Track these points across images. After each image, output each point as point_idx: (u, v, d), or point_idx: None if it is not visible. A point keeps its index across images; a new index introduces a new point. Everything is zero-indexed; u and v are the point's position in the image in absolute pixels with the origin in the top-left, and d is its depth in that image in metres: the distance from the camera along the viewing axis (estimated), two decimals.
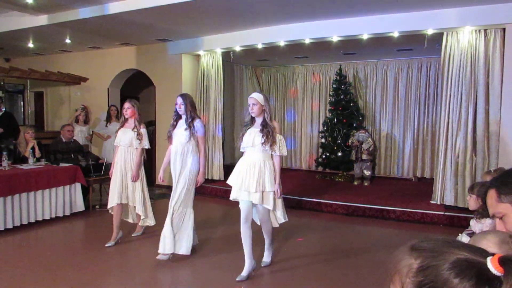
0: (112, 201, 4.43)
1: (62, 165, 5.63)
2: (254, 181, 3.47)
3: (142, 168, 4.69)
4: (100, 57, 8.62)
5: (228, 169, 8.28)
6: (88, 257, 4.08)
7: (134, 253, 4.35)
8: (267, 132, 3.51)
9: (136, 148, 4.51)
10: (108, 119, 7.20)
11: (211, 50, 7.37)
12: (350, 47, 6.90)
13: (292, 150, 9.59)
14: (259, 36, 6.57)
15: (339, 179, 8.07)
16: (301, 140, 9.48)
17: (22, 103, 10.04)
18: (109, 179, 6.32)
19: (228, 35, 6.89)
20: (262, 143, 3.49)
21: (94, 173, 6.09)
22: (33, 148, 5.85)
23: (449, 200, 5.59)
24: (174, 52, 7.65)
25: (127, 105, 4.57)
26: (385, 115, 8.47)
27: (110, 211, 4.59)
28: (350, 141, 7.68)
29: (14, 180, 4.87)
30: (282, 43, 6.53)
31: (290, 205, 6.44)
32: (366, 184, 7.57)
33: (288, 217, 3.88)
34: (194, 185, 4.00)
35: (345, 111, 7.96)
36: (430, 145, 7.90)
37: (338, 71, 8.19)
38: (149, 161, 7.58)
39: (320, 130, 8.62)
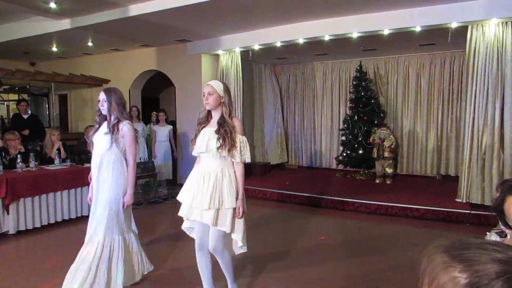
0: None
1: (87, 165, 5.74)
2: (207, 195, 2.69)
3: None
4: (121, 59, 8.77)
5: (247, 168, 8.31)
6: None
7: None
8: (225, 132, 2.72)
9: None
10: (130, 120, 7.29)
11: (230, 49, 7.39)
12: (371, 43, 6.80)
13: (312, 148, 9.54)
14: (278, 34, 6.55)
15: (360, 177, 7.97)
16: (321, 138, 9.41)
17: (47, 105, 10.32)
18: None
19: (247, 34, 6.89)
20: (218, 148, 2.72)
21: None
22: (58, 149, 5.99)
23: (476, 198, 5.44)
24: (193, 52, 7.71)
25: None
26: (407, 111, 8.31)
27: None
28: (371, 139, 7.58)
29: (41, 181, 5.00)
30: (301, 41, 6.49)
31: (311, 204, 6.43)
32: (388, 182, 7.46)
33: (309, 216, 3.69)
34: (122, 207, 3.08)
35: (366, 108, 7.86)
36: (455, 141, 7.71)
37: (358, 68, 8.08)
38: (173, 161, 7.68)
39: (341, 128, 8.53)
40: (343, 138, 8.23)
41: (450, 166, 7.89)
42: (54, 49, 8.23)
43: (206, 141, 2.76)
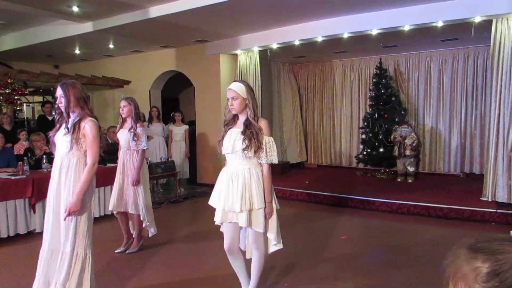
0: (110, 206, 4.22)
1: (109, 165, 5.86)
2: (237, 198, 2.70)
3: (146, 170, 4.41)
4: (141, 60, 8.91)
5: None
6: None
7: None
8: (251, 134, 2.70)
9: (135, 150, 4.13)
10: (150, 120, 7.41)
11: (248, 49, 7.40)
12: (391, 39, 6.69)
13: (332, 146, 9.47)
14: (296, 32, 6.52)
15: (381, 175, 7.87)
16: (340, 137, 9.32)
17: None
18: (152, 178, 6.54)
19: (265, 33, 6.89)
20: (244, 149, 2.71)
21: None
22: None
23: (502, 197, 5.29)
24: (212, 52, 7.76)
25: (123, 103, 4.17)
26: (429, 108, 8.15)
27: (115, 213, 4.30)
28: (392, 137, 7.47)
29: None
30: (319, 39, 6.44)
31: (331, 203, 6.38)
32: (409, 180, 7.33)
33: (330, 215, 3.68)
34: (85, 214, 2.71)
35: (387, 105, 7.74)
36: (479, 139, 7.52)
37: (378, 65, 7.97)
38: (191, 160, 7.77)
39: (361, 126, 8.43)
40: (363, 136, 8.13)
41: (474, 164, 7.69)
42: (77, 51, 8.42)
43: (232, 142, 2.75)
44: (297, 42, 6.70)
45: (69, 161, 2.69)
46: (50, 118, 7.13)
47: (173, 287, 3.41)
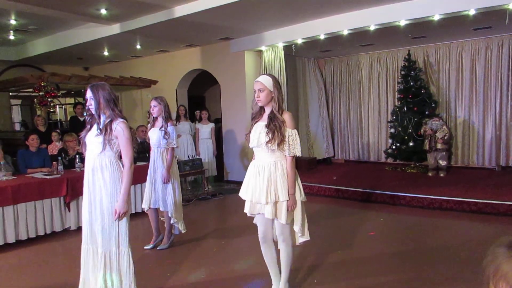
0: (143, 204, 4.36)
1: (138, 163, 5.99)
2: (263, 190, 2.78)
3: (176, 168, 4.43)
4: (167, 60, 9.03)
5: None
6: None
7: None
8: (274, 127, 2.75)
9: (165, 148, 4.23)
10: (178, 119, 7.51)
11: (273, 45, 7.37)
12: (419, 30, 6.49)
13: (359, 141, 9.31)
14: (321, 26, 6.43)
15: (411, 170, 7.68)
16: (368, 131, 9.16)
17: None
18: (181, 175, 6.62)
19: (289, 28, 6.84)
20: (267, 142, 2.76)
21: None
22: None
23: None
24: (236, 49, 7.77)
25: (153, 103, 4.26)
26: (461, 100, 7.87)
27: (146, 211, 4.41)
28: (422, 130, 7.26)
29: None
30: (345, 32, 6.33)
31: (360, 199, 6.28)
32: (441, 175, 7.11)
33: (359, 211, 3.62)
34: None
35: (416, 98, 7.53)
36: None
37: (406, 57, 7.76)
38: (218, 157, 7.83)
39: (389, 120, 8.24)
40: (392, 130, 7.95)
41: (511, 156, 7.39)
42: (106, 53, 8.63)
43: (257, 135, 2.82)
44: (322, 36, 6.61)
45: (101, 161, 2.74)
46: (82, 119, 7.36)
47: (202, 283, 3.45)
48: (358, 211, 5.76)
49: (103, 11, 5.88)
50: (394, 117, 7.85)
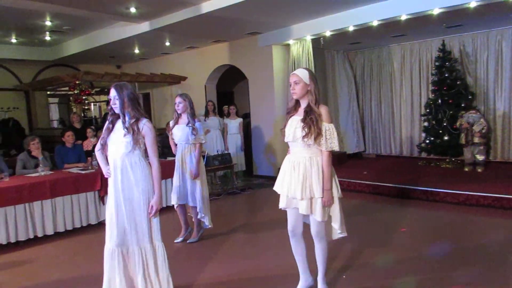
0: (172, 200, 4.41)
1: (169, 158, 6.09)
2: (298, 186, 2.73)
3: (203, 163, 4.46)
4: (196, 56, 9.13)
5: None
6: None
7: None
8: (310, 121, 2.69)
9: (193, 144, 4.27)
10: (206, 114, 7.58)
11: (301, 38, 7.28)
12: (455, 18, 6.22)
13: (391, 135, 9.08)
14: (350, 18, 6.28)
15: (446, 165, 7.40)
16: (400, 125, 8.90)
17: None
18: (210, 170, 6.69)
19: (318, 20, 6.73)
20: (303, 137, 2.71)
21: None
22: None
23: None
24: (264, 44, 7.74)
25: (178, 99, 4.28)
26: (500, 91, 7.50)
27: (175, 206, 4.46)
28: (458, 123, 6.98)
29: None
30: (375, 23, 6.16)
31: (392, 194, 6.13)
32: (479, 170, 6.81)
33: (391, 207, 3.50)
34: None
35: (451, 90, 7.23)
36: None
37: (440, 47, 7.46)
38: (247, 152, 7.86)
39: (422, 113, 7.97)
40: (426, 124, 7.69)
41: None
42: (136, 51, 8.82)
43: (293, 130, 2.77)
44: (351, 28, 6.46)
45: (131, 160, 2.77)
46: None
47: (231, 278, 3.47)
48: (390, 206, 5.62)
49: (133, 10, 6.00)
50: (428, 110, 7.58)
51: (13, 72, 9.55)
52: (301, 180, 2.73)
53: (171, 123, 4.45)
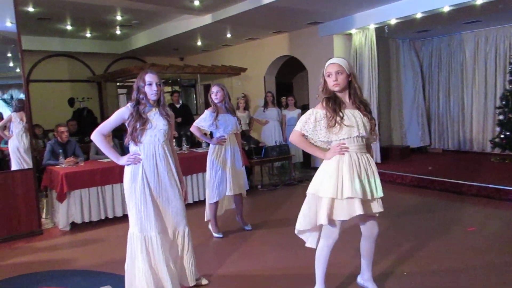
0: (227, 191, 4.24)
1: (199, 150, 6.19)
2: (373, 185, 2.56)
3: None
4: (256, 48, 9.18)
5: (385, 151, 7.90)
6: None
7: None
8: (370, 113, 2.57)
9: (237, 133, 4.30)
10: (265, 105, 7.63)
11: (364, 27, 7.03)
12: None
13: (460, 129, 8.52)
14: (418, 4, 5.94)
15: None
16: (471, 118, 8.31)
17: (194, 95, 11.49)
18: (268, 161, 6.74)
19: (382, 8, 6.45)
20: (371, 130, 2.56)
21: (255, 155, 6.55)
22: (205, 134, 6.62)
23: None
24: (325, 34, 7.58)
25: (216, 88, 4.17)
26: None
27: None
28: None
29: (192, 162, 5.63)
30: (446, 9, 5.77)
31: (459, 191, 5.77)
32: None
33: (456, 205, 3.25)
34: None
35: None
36: None
37: None
38: None
39: (497, 106, 7.37)
40: (501, 117, 7.10)
41: None
42: (199, 43, 9.08)
43: (361, 123, 2.50)
44: (419, 15, 6.11)
45: (167, 147, 2.84)
46: (177, 106, 7.87)
47: (276, 265, 3.48)
48: (456, 204, 5.30)
49: (196, 3, 6.16)
50: (504, 102, 6.99)
51: (87, 65, 10.28)
52: (375, 176, 2.55)
53: (208, 114, 4.21)
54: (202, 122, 4.20)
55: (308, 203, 2.64)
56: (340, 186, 2.46)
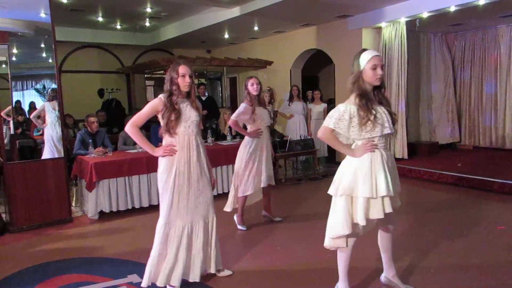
0: (262, 183, 4.25)
1: (233, 141, 6.22)
2: (397, 180, 2.60)
3: None
4: (283, 41, 9.12)
5: (412, 147, 7.73)
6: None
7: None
8: (391, 108, 2.58)
9: (268, 125, 4.30)
10: (291, 99, 7.59)
11: (394, 20, 6.86)
12: None
13: (492, 126, 8.24)
14: None
15: None
16: (504, 114, 8.03)
17: (220, 88, 11.56)
18: (292, 154, 6.73)
19: (414, 1, 6.28)
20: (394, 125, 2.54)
21: (280, 149, 6.55)
22: (230, 127, 6.66)
23: None
24: (354, 27, 7.45)
25: (255, 81, 4.10)
26: None
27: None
28: None
29: (217, 154, 5.68)
30: (482, 2, 5.56)
31: (489, 189, 5.60)
32: None
33: (486, 202, 3.19)
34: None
35: None
36: None
37: None
38: None
39: None
40: None
41: None
42: (226, 36, 9.10)
43: (387, 120, 2.46)
44: (452, 8, 5.91)
45: (200, 139, 2.89)
46: (203, 98, 7.94)
47: (299, 260, 3.49)
48: (486, 202, 5.15)
49: None
50: None
51: (117, 56, 10.50)
52: (396, 174, 2.59)
53: (246, 107, 4.12)
54: (241, 115, 4.14)
55: (341, 207, 2.48)
56: (375, 185, 2.42)
